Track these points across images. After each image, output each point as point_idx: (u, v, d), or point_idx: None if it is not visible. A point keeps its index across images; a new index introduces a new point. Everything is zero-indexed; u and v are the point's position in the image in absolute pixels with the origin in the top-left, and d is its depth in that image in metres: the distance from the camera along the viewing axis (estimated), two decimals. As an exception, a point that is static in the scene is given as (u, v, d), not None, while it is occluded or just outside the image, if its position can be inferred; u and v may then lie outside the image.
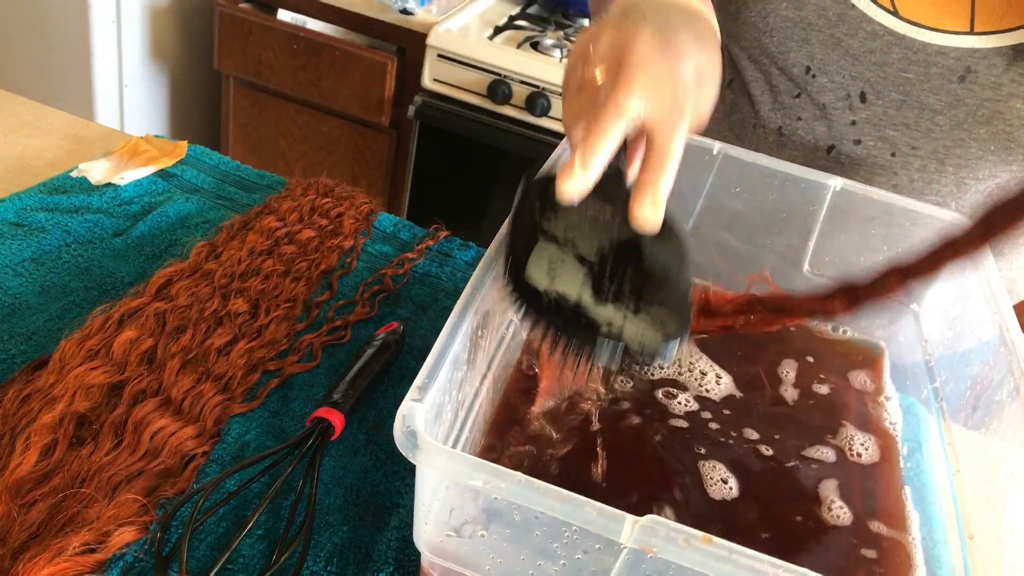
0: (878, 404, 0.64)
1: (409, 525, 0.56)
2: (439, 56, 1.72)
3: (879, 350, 0.69)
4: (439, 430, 0.46)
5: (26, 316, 0.67)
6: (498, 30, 1.82)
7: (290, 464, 0.56)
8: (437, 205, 1.93)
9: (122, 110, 1.93)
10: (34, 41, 1.84)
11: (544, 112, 1.68)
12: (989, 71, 0.64)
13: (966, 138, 0.67)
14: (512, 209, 0.51)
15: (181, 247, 0.77)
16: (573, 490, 0.38)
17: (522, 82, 1.68)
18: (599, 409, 0.58)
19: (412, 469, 0.40)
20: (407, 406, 0.40)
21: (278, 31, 1.81)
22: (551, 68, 1.67)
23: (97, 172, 0.84)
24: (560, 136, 1.67)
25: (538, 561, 0.42)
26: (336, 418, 0.59)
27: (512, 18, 1.88)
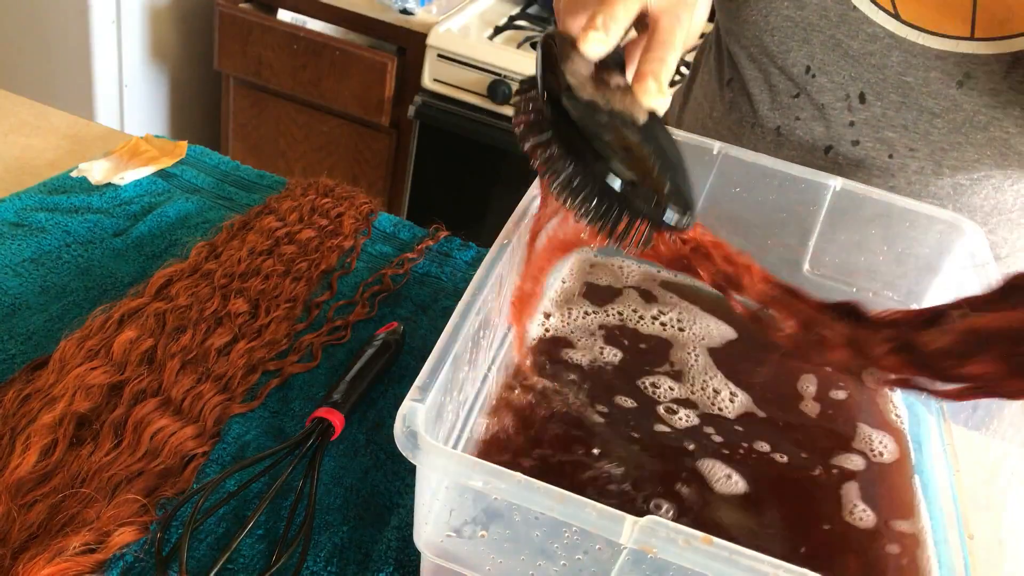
0: (884, 398, 0.64)
1: (409, 525, 0.56)
2: (439, 56, 1.72)
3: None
4: (439, 430, 0.46)
5: (26, 316, 0.67)
6: (498, 30, 1.82)
7: (290, 464, 0.56)
8: (437, 205, 1.93)
9: (122, 110, 1.93)
10: (34, 41, 1.84)
11: (544, 112, 1.68)
12: (988, 77, 0.64)
13: (963, 142, 0.67)
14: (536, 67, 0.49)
15: (181, 247, 0.77)
16: (572, 490, 0.38)
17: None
18: (598, 414, 0.58)
19: (412, 469, 0.40)
20: (407, 406, 0.40)
21: (278, 31, 1.81)
22: (551, 68, 1.67)
23: (97, 172, 0.84)
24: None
25: (538, 561, 0.42)
26: (336, 418, 0.59)
27: (512, 18, 1.88)
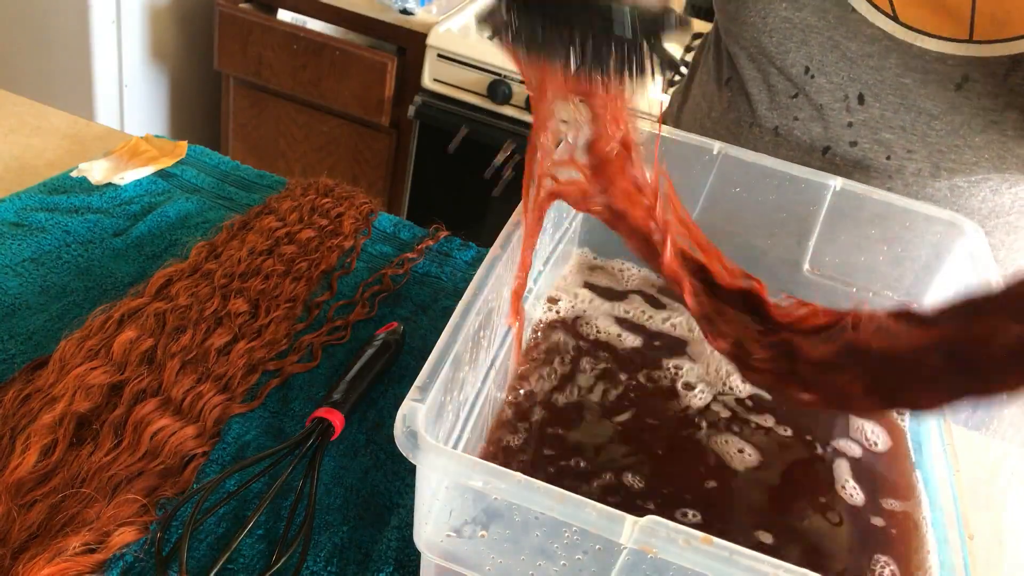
0: None
1: (409, 525, 0.56)
2: (439, 56, 1.72)
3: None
4: (439, 430, 0.46)
5: (26, 316, 0.67)
6: (498, 30, 1.81)
7: (290, 464, 0.56)
8: (437, 205, 1.93)
9: (122, 110, 1.93)
10: (34, 41, 1.84)
11: (544, 112, 1.68)
12: (986, 80, 0.64)
13: (961, 144, 0.67)
14: None
15: (181, 247, 0.77)
16: (573, 485, 0.38)
17: (522, 82, 1.68)
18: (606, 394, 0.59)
19: (412, 469, 0.40)
20: (408, 406, 0.40)
21: (278, 31, 1.81)
22: (551, 68, 1.67)
23: (97, 172, 0.84)
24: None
25: (538, 561, 0.42)
26: (336, 418, 0.59)
27: (512, 18, 1.88)
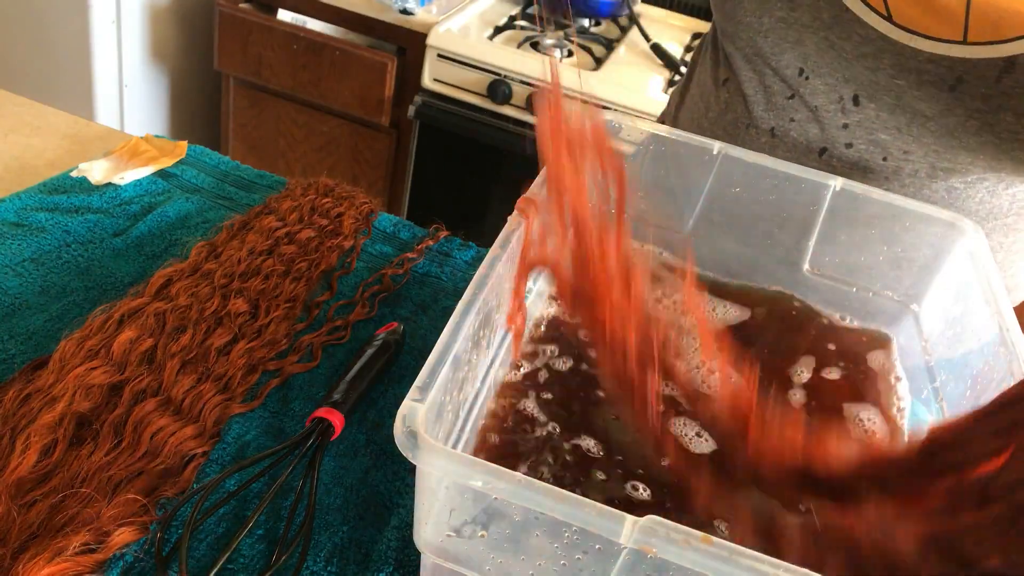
0: (889, 388, 0.64)
1: (409, 525, 0.56)
2: (439, 56, 1.72)
3: (887, 339, 0.69)
4: (439, 430, 0.46)
5: (26, 316, 0.67)
6: (498, 30, 1.82)
7: (290, 464, 0.56)
8: (437, 205, 1.93)
9: (122, 110, 1.93)
10: (34, 41, 1.84)
11: (544, 112, 1.68)
12: (980, 81, 0.64)
13: (956, 146, 0.67)
14: None
15: (181, 247, 0.77)
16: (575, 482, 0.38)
17: (522, 82, 1.68)
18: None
19: (412, 469, 0.40)
20: (407, 406, 0.40)
21: (278, 31, 1.81)
22: (551, 68, 1.67)
23: (97, 172, 0.84)
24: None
25: (538, 561, 0.42)
26: (336, 418, 0.59)
27: (512, 18, 1.88)
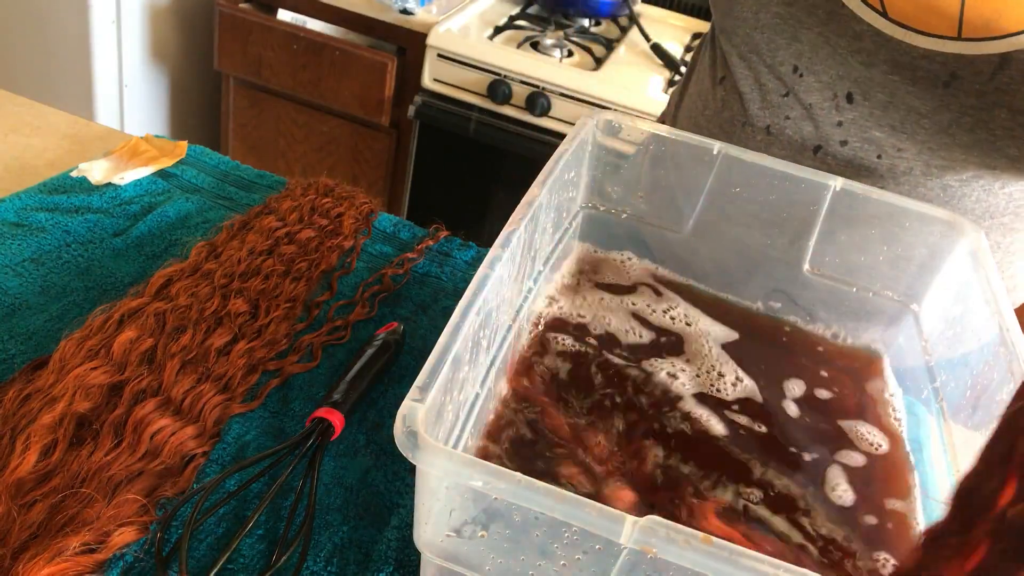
0: (884, 401, 0.64)
1: (409, 525, 0.56)
2: (439, 56, 1.72)
3: (878, 355, 0.69)
4: (439, 430, 0.46)
5: (26, 316, 0.67)
6: (498, 30, 1.82)
7: (290, 464, 0.56)
8: (437, 205, 1.93)
9: (122, 110, 1.93)
10: (34, 41, 1.84)
11: (544, 112, 1.68)
12: (974, 78, 0.63)
13: (950, 143, 0.66)
14: None
15: (181, 247, 0.77)
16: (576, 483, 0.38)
17: (522, 82, 1.68)
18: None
19: (412, 469, 0.40)
20: (407, 406, 0.40)
21: (278, 31, 1.81)
22: (551, 68, 1.67)
23: (97, 172, 0.84)
24: (560, 136, 1.67)
25: (538, 561, 0.42)
26: (336, 418, 0.59)
27: (512, 18, 1.88)
